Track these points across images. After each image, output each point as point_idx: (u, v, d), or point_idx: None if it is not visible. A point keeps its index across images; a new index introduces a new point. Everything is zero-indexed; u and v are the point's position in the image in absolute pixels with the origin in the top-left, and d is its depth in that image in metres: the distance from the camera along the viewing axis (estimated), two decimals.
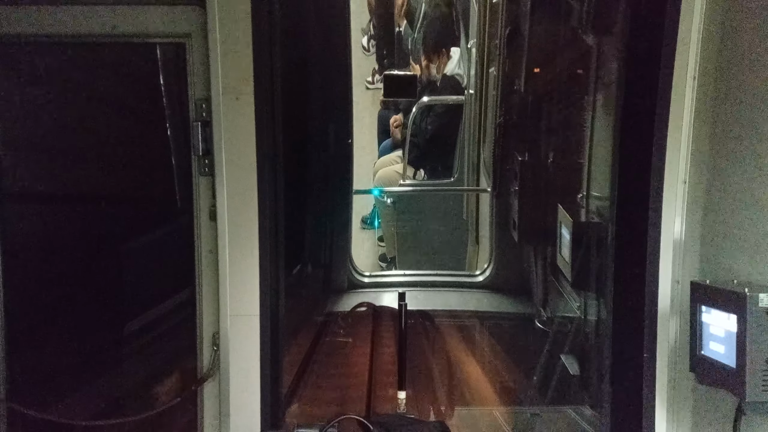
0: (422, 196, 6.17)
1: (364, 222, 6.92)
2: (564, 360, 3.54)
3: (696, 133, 2.35)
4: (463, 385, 3.74)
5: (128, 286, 2.96)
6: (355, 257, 5.29)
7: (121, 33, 2.43)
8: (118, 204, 2.90)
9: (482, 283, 5.18)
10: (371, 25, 7.57)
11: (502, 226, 5.01)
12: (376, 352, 3.94)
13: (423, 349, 4.11)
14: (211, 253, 2.50)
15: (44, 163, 2.77)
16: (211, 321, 2.53)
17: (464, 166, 5.79)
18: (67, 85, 2.77)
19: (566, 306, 3.86)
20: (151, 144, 2.93)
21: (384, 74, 5.32)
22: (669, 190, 2.37)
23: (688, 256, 2.38)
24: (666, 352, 2.42)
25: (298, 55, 4.00)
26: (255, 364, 2.51)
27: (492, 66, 5.21)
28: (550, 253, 4.13)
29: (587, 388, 3.19)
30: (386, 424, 2.57)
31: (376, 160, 6.81)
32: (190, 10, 2.41)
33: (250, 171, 2.43)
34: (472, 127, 5.63)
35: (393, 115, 6.73)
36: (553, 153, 4.18)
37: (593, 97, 3.46)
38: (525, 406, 3.50)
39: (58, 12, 2.41)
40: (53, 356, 2.79)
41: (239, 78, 2.40)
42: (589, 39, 3.47)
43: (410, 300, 3.01)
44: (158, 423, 2.57)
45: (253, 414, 2.51)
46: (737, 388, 2.01)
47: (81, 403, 2.75)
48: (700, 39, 2.30)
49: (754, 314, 1.97)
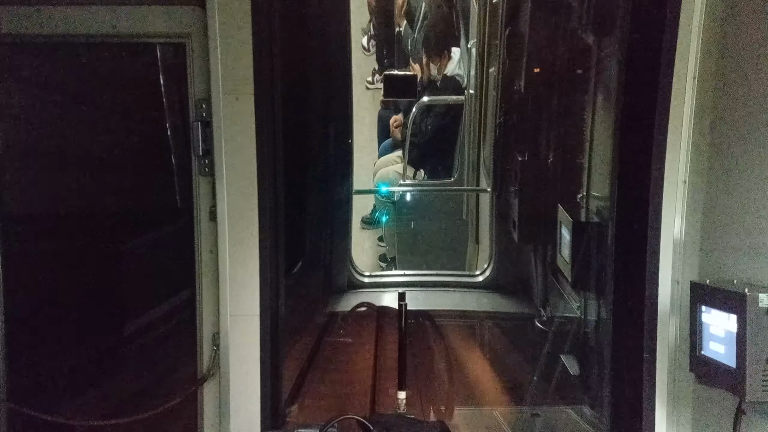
0: (422, 196, 6.17)
1: (364, 222, 6.92)
2: (564, 360, 3.54)
3: (696, 133, 2.35)
4: (463, 385, 3.74)
5: (128, 287, 2.96)
6: (355, 257, 5.29)
7: (121, 33, 2.44)
8: (118, 204, 2.89)
9: (482, 283, 5.18)
10: (371, 25, 7.57)
11: (502, 226, 5.01)
12: (376, 352, 3.94)
13: (423, 350, 4.11)
14: (211, 253, 2.50)
15: (44, 164, 2.76)
16: (211, 321, 2.53)
17: (464, 166, 5.79)
18: (67, 85, 2.77)
19: (566, 306, 3.86)
20: (151, 144, 2.93)
21: (384, 74, 5.32)
22: (669, 190, 2.37)
23: (688, 256, 2.38)
24: (666, 352, 2.42)
25: (298, 56, 4.00)
26: (255, 364, 2.51)
27: (492, 66, 5.21)
28: (550, 253, 4.13)
29: (587, 388, 3.19)
30: (386, 424, 2.58)
31: (376, 160, 6.81)
32: (190, 10, 2.41)
33: (250, 171, 2.43)
34: (472, 127, 5.63)
35: (393, 115, 6.73)
36: (553, 153, 4.18)
37: (593, 97, 3.47)
38: (525, 406, 3.49)
39: (58, 12, 2.41)
40: (53, 356, 2.79)
41: (239, 78, 2.40)
42: (589, 39, 3.47)
43: (410, 300, 3.01)
44: (158, 423, 2.57)
45: (253, 414, 2.51)
46: (737, 388, 2.01)
47: (81, 403, 2.75)
48: (700, 39, 2.31)
49: (754, 314, 1.97)
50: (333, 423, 2.48)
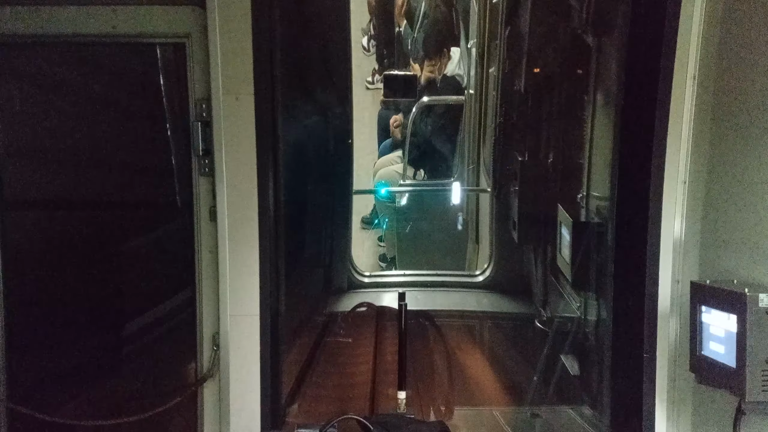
0: (422, 196, 6.16)
1: (364, 222, 6.92)
2: (564, 360, 3.54)
3: (696, 133, 2.35)
4: (463, 385, 3.74)
5: (128, 287, 2.96)
6: (355, 257, 5.29)
7: (121, 33, 2.44)
8: (118, 204, 2.89)
9: (482, 283, 5.18)
10: (371, 25, 7.57)
11: (502, 226, 5.01)
12: (376, 352, 3.94)
13: (423, 350, 4.11)
14: (211, 253, 2.50)
15: (44, 164, 2.76)
16: (211, 321, 2.53)
17: (464, 166, 5.79)
18: (67, 85, 2.77)
19: (566, 306, 3.86)
20: (151, 144, 2.93)
21: (384, 74, 5.33)
22: (669, 190, 2.37)
23: (688, 256, 2.39)
24: (666, 352, 2.42)
25: (298, 56, 4.00)
26: (255, 364, 2.51)
27: (492, 66, 5.21)
28: (550, 253, 4.13)
29: (587, 388, 3.19)
30: (386, 424, 2.57)
31: (376, 160, 6.81)
32: (190, 10, 2.41)
33: (250, 171, 2.43)
34: (472, 127, 5.62)
35: (393, 115, 6.74)
36: (553, 153, 4.18)
37: (593, 97, 3.47)
38: (525, 406, 3.49)
39: (58, 12, 2.41)
40: (53, 356, 2.78)
41: (239, 78, 2.40)
42: (589, 39, 3.47)
43: (410, 300, 3.01)
44: (158, 423, 2.57)
45: (253, 414, 2.51)
46: (737, 388, 2.01)
47: (81, 403, 2.75)
48: (700, 39, 2.31)
49: (754, 314, 1.97)
50: (333, 423, 2.47)
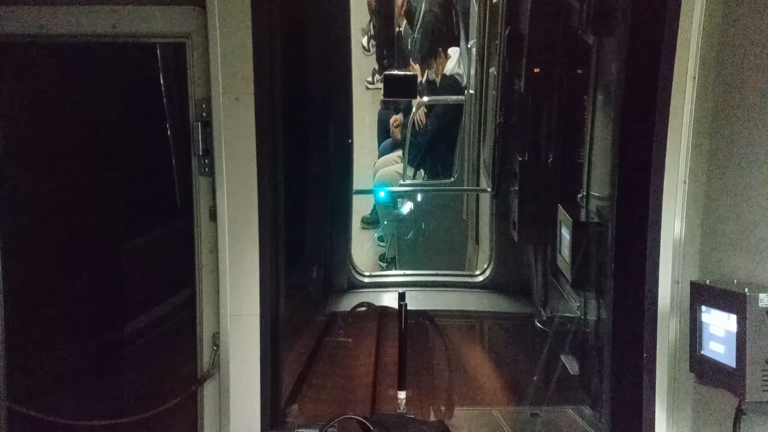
0: (422, 196, 6.17)
1: (364, 222, 6.92)
2: (564, 360, 3.54)
3: (696, 133, 2.35)
4: (463, 385, 3.74)
5: (128, 286, 2.96)
6: (355, 257, 5.29)
7: (121, 33, 2.43)
8: (118, 204, 2.89)
9: (482, 283, 5.18)
10: (371, 25, 7.57)
11: (502, 226, 5.01)
12: (376, 352, 3.94)
13: (423, 350, 4.11)
14: (211, 253, 2.50)
15: (44, 163, 2.76)
16: (211, 321, 2.53)
17: (464, 166, 5.79)
18: (67, 85, 2.77)
19: (566, 306, 3.86)
20: (151, 144, 2.93)
21: (384, 74, 5.32)
22: (669, 190, 2.37)
23: (688, 256, 2.38)
24: (666, 352, 2.42)
25: (298, 56, 4.00)
26: (255, 364, 2.51)
27: (492, 66, 5.21)
28: (550, 253, 4.13)
29: (587, 388, 3.19)
30: (386, 423, 2.57)
31: (376, 160, 6.81)
32: (190, 10, 2.41)
33: (250, 171, 2.43)
34: (472, 127, 5.63)
35: (393, 115, 6.74)
36: (553, 153, 4.18)
37: (593, 97, 3.47)
38: (525, 406, 3.49)
39: (58, 12, 2.41)
40: (53, 356, 2.79)
41: (239, 78, 2.40)
42: (589, 39, 3.47)
43: (410, 300, 3.01)
44: (158, 423, 2.57)
45: (253, 414, 2.51)
46: (737, 388, 2.01)
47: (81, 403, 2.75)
48: (700, 39, 2.31)
49: (754, 314, 1.97)
50: (333, 423, 2.48)
